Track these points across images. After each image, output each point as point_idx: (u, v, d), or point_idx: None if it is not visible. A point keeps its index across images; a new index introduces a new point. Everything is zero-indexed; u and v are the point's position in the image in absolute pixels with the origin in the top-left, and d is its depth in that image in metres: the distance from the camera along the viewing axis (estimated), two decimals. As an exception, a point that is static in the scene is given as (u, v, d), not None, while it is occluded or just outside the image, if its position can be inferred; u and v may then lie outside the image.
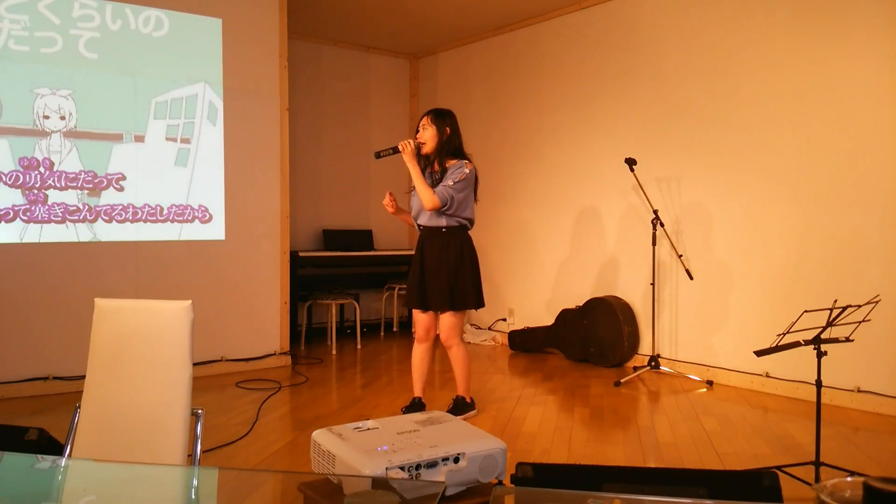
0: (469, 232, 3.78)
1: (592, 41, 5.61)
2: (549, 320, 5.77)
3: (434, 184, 3.64)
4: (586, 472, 1.65)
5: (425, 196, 3.58)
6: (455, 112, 3.88)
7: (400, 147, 3.61)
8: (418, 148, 3.68)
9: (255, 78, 5.12)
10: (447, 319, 3.71)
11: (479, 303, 3.75)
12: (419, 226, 3.75)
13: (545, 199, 6.04)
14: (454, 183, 3.59)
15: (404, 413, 3.78)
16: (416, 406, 3.78)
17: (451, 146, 3.70)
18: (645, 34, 5.22)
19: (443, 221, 3.66)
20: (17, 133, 4.32)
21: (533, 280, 6.14)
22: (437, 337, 3.85)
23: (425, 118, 3.71)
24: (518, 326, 6.10)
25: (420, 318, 3.78)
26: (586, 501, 1.45)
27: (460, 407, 3.77)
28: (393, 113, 7.31)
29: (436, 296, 3.66)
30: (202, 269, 4.94)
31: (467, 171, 3.64)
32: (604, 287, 5.51)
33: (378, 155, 3.67)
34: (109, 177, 4.61)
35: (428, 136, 3.66)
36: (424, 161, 3.73)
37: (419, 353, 3.83)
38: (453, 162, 3.67)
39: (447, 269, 3.64)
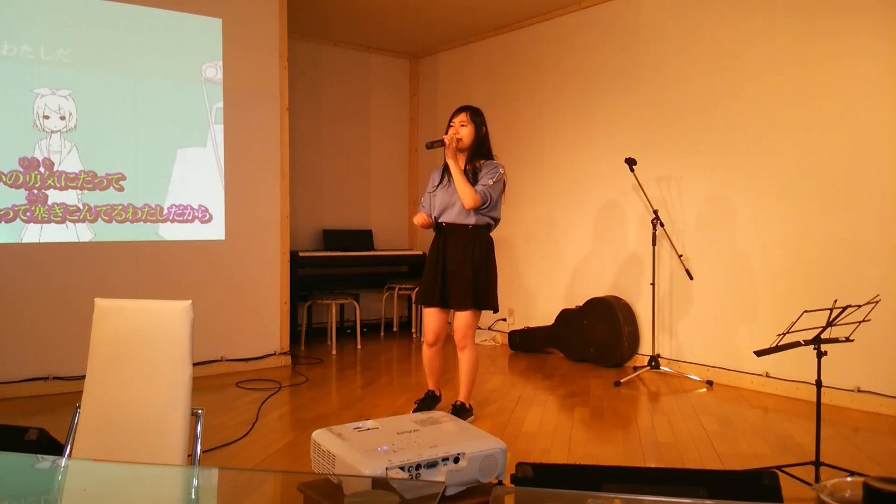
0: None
1: (593, 41, 5.61)
2: (549, 320, 5.77)
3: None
4: (586, 472, 1.65)
5: (467, 194, 3.53)
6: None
7: (446, 141, 3.58)
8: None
9: (255, 78, 5.12)
10: (464, 319, 3.65)
11: (497, 305, 3.71)
12: (441, 223, 3.69)
13: (545, 200, 6.04)
14: (493, 183, 3.59)
15: (418, 405, 3.77)
16: (429, 398, 3.78)
17: (486, 145, 3.70)
18: (645, 34, 5.22)
19: (472, 219, 3.62)
20: (17, 133, 4.32)
21: (533, 280, 6.14)
22: (447, 339, 3.83)
23: (463, 114, 3.65)
24: (518, 326, 6.10)
25: (432, 321, 3.72)
26: (586, 501, 1.45)
27: (459, 413, 3.70)
28: (393, 113, 7.31)
29: (458, 293, 3.60)
30: (202, 269, 4.94)
31: (502, 172, 3.65)
32: (604, 287, 5.51)
33: (430, 145, 3.64)
34: (109, 177, 4.61)
35: (466, 132, 3.63)
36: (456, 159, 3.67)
37: (429, 354, 3.79)
38: (483, 161, 3.67)
39: (472, 266, 3.59)
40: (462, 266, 3.61)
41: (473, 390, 3.88)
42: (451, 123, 3.67)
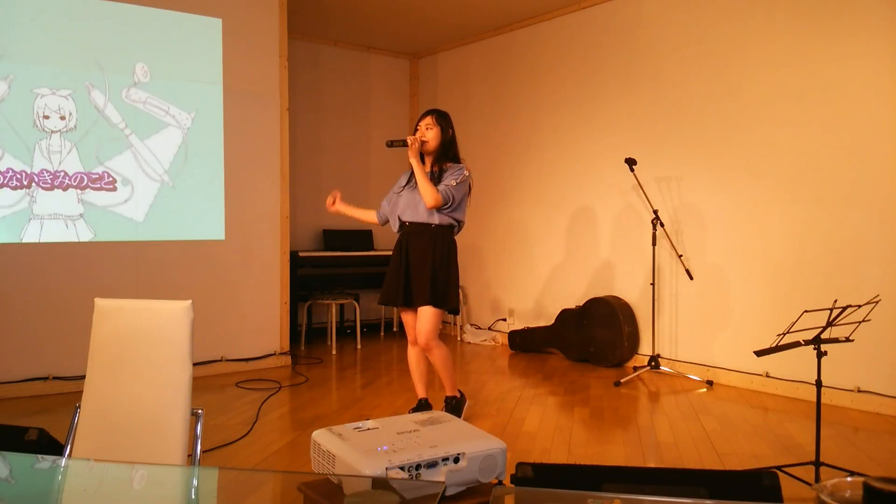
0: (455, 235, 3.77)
1: (592, 41, 5.61)
2: (548, 320, 5.77)
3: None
4: (586, 472, 1.65)
5: (429, 194, 3.54)
6: (455, 112, 3.92)
7: (409, 141, 3.61)
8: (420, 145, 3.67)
9: (255, 78, 5.12)
10: (426, 320, 3.62)
11: (456, 305, 3.72)
12: (404, 223, 3.70)
13: (545, 199, 6.04)
14: (456, 184, 3.60)
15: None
16: (422, 407, 3.74)
17: (452, 149, 3.72)
18: (645, 34, 5.22)
19: (434, 219, 3.63)
20: (17, 133, 4.32)
21: (533, 280, 6.14)
22: None
23: (429, 118, 3.69)
24: (518, 326, 6.10)
25: (409, 320, 3.74)
26: (586, 501, 1.45)
27: (454, 407, 3.71)
28: (393, 113, 7.31)
29: (418, 291, 3.61)
30: (202, 269, 4.94)
31: (467, 174, 3.67)
32: (604, 287, 5.51)
33: (390, 144, 3.68)
34: (109, 176, 4.60)
35: (431, 135, 3.65)
36: (420, 160, 3.70)
37: (414, 355, 3.80)
38: (450, 164, 3.69)
39: (432, 265, 3.60)
40: (423, 264, 3.61)
41: (473, 390, 3.87)
42: (418, 126, 3.70)
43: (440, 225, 3.65)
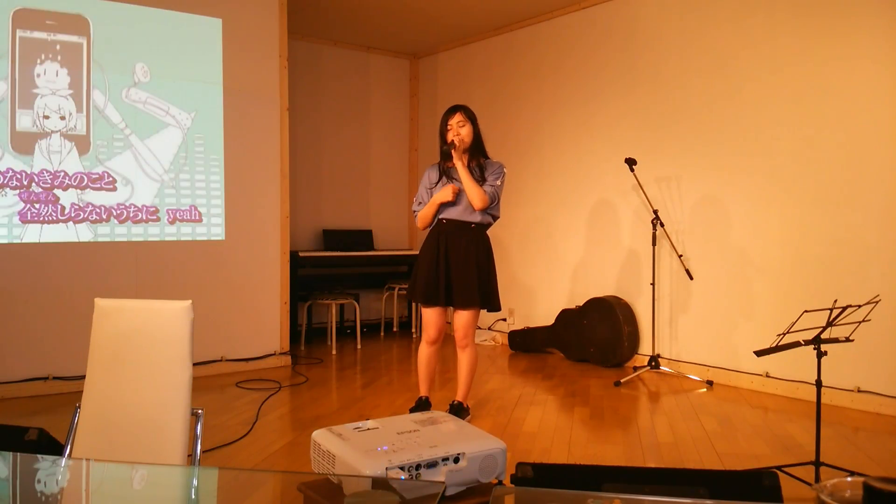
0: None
1: (593, 41, 5.61)
2: (549, 320, 5.77)
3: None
4: (586, 472, 1.65)
5: (477, 196, 3.54)
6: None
7: (456, 143, 3.60)
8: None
9: (255, 78, 5.12)
10: (466, 318, 3.63)
11: (500, 304, 3.72)
12: (442, 220, 3.67)
13: (545, 200, 6.04)
14: (501, 182, 3.63)
15: (411, 413, 3.74)
16: (422, 405, 3.73)
17: (482, 143, 3.73)
18: (645, 34, 5.22)
19: (476, 217, 3.63)
20: (17, 133, 4.32)
21: (533, 280, 6.14)
22: (446, 338, 3.81)
23: (458, 115, 3.65)
24: (518, 326, 6.10)
25: (434, 319, 3.69)
26: (586, 501, 1.45)
27: (457, 412, 3.68)
28: (393, 113, 7.31)
29: (464, 292, 3.58)
30: (202, 269, 4.94)
31: (506, 171, 3.70)
32: (604, 287, 5.51)
33: (447, 155, 3.66)
34: (109, 176, 4.60)
35: (465, 132, 3.63)
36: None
37: (427, 353, 3.75)
38: (484, 160, 3.69)
39: (477, 265, 3.60)
40: (467, 265, 3.60)
41: (473, 390, 3.87)
42: (449, 126, 3.65)
43: (480, 223, 3.67)
